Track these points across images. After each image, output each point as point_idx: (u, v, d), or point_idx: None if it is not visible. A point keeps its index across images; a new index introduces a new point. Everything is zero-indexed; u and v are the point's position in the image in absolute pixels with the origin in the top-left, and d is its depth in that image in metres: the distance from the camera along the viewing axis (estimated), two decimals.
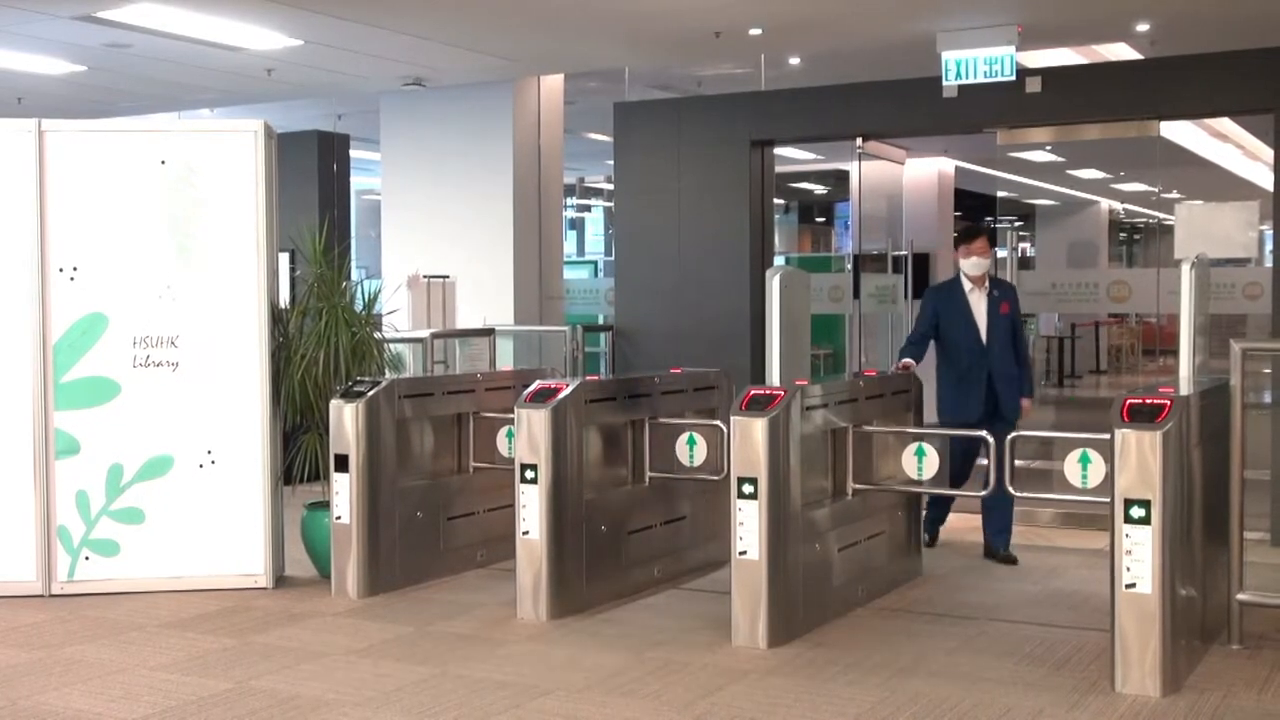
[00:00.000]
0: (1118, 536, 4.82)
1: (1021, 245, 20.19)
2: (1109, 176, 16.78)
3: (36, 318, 6.44)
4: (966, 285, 7.17)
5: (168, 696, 4.91)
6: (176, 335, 6.56)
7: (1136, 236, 22.79)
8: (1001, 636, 5.67)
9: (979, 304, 7.14)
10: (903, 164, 13.72)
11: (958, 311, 7.14)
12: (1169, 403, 4.87)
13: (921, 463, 6.11)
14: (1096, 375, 18.24)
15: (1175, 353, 5.84)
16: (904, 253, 12.95)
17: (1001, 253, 12.81)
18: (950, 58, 8.54)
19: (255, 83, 10.55)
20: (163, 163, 6.56)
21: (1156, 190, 12.52)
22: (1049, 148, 13.11)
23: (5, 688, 5.03)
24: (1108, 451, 4.95)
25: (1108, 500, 4.90)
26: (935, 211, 15.08)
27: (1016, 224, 20.05)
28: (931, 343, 7.24)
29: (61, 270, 6.48)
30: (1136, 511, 4.78)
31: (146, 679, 5.14)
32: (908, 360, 7.02)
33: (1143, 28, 8.71)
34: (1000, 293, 7.18)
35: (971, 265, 7.12)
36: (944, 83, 8.62)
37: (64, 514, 6.49)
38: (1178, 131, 11.98)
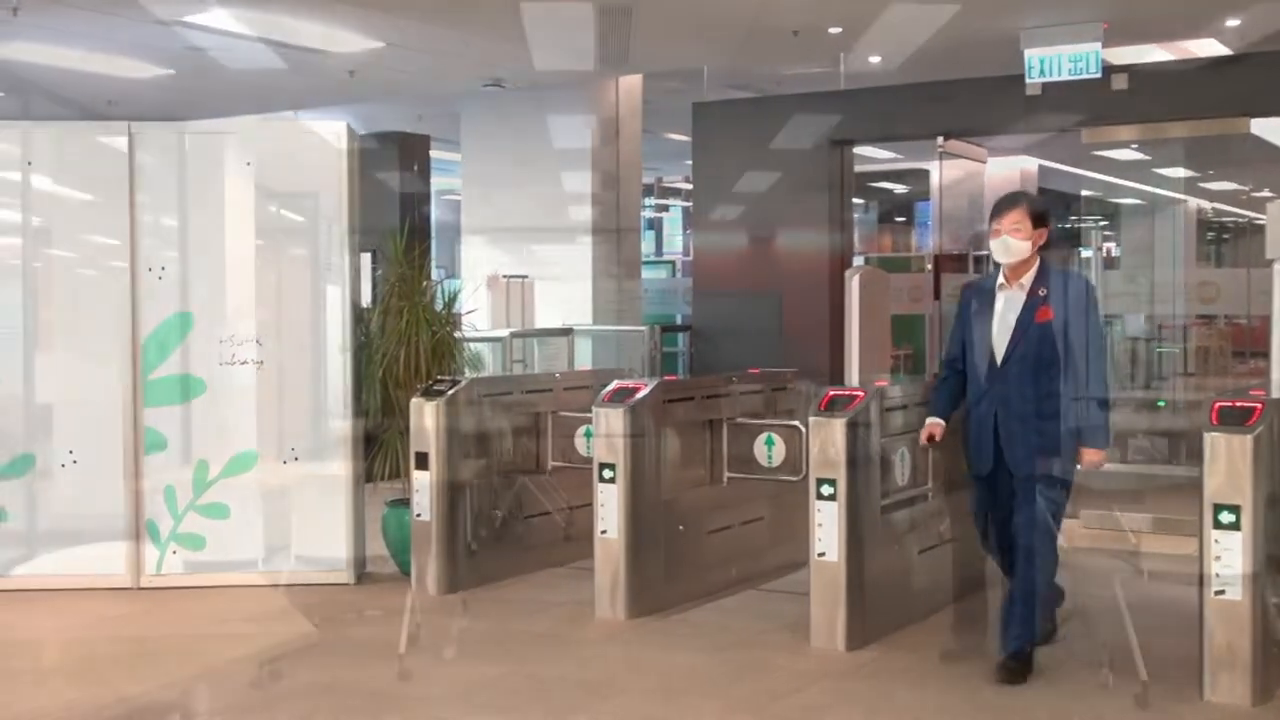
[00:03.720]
0: (1206, 542, 4.72)
1: (1107, 245, 19.90)
2: (1197, 174, 16.49)
3: (126, 317, 6.58)
4: (999, 281, 5.12)
5: (249, 690, 4.98)
6: (261, 334, 6.66)
7: (1225, 236, 22.34)
8: (1082, 643, 5.58)
9: (1008, 308, 5.05)
10: (984, 163, 13.56)
11: (979, 319, 5.13)
12: (1260, 406, 4.76)
13: None
14: (1185, 378, 17.89)
15: (1266, 355, 5.72)
16: (985, 253, 12.79)
17: (1086, 252, 12.63)
18: (1034, 55, 8.44)
19: (337, 85, 10.70)
20: (248, 164, 6.66)
21: (1247, 188, 12.27)
22: (1135, 146, 12.90)
23: (92, 677, 5.14)
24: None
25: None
26: None
27: (1101, 223, 19.76)
28: None
29: (150, 270, 6.61)
30: (1226, 517, 4.68)
31: (228, 671, 5.23)
32: (933, 425, 5.27)
33: (1233, 23, 8.53)
34: (1050, 293, 4.99)
35: (997, 248, 5.02)
36: (1027, 80, 8.52)
37: (152, 508, 6.61)
38: (1269, 128, 11.74)
